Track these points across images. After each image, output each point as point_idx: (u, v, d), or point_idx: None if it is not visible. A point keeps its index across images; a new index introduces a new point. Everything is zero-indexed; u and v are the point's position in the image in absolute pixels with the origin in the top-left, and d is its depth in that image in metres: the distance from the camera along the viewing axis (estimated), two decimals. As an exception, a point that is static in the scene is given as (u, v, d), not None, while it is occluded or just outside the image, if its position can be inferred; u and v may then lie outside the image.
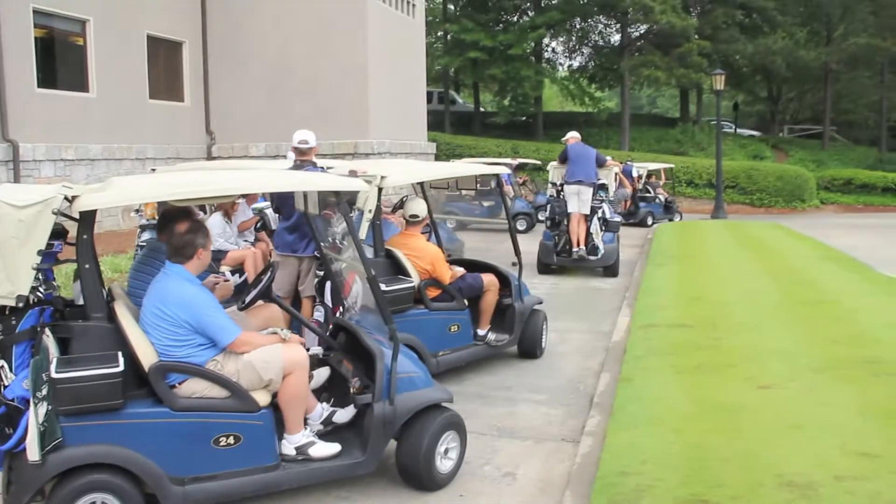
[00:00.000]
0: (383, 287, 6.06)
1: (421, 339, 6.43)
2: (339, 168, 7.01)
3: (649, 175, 22.52)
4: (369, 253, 6.69)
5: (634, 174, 21.14)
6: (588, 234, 12.32)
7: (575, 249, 12.28)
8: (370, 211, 6.66)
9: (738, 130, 42.81)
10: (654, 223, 20.84)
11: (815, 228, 19.63)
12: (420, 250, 6.99)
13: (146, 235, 8.34)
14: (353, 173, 6.46)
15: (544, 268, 12.83)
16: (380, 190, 6.65)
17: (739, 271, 12.20)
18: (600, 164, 12.78)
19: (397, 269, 6.85)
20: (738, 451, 4.88)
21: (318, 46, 19.94)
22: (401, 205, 8.08)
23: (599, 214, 12.50)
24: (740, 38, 34.08)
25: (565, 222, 12.51)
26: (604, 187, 13.07)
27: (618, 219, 13.28)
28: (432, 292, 6.94)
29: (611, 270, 12.70)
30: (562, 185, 12.67)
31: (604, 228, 12.54)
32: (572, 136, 12.99)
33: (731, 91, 42.08)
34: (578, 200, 12.26)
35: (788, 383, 6.28)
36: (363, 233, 6.63)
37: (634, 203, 21.46)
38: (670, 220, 21.91)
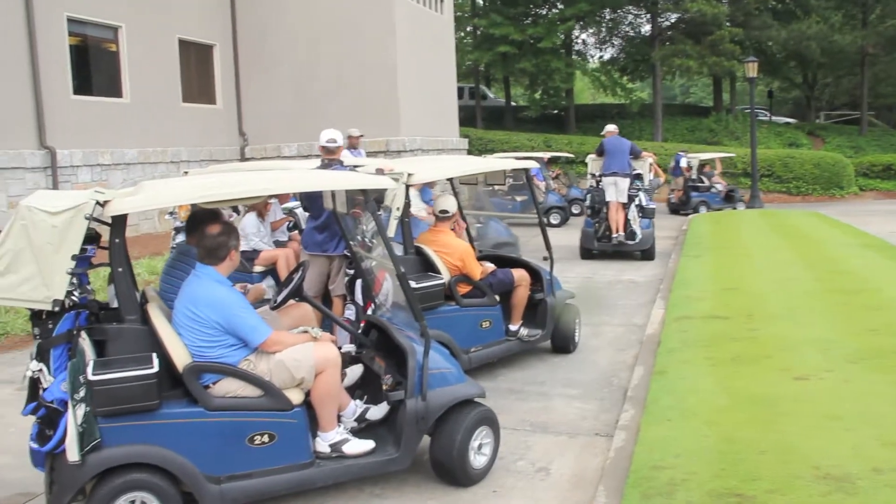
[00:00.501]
0: (413, 284, 6.09)
1: (452, 336, 6.43)
2: (367, 166, 7.04)
3: (703, 165, 22.34)
4: (399, 250, 6.71)
5: (683, 164, 21.26)
6: (626, 220, 13.15)
7: (614, 235, 13.11)
8: (398, 209, 6.68)
9: (773, 118, 42.26)
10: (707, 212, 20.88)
11: (853, 216, 19.34)
12: (450, 246, 6.99)
13: (180, 238, 8.44)
14: (380, 171, 6.49)
15: (586, 253, 13.66)
16: (407, 187, 6.67)
17: (775, 261, 12.06)
18: (635, 155, 13.48)
19: (427, 266, 6.86)
20: (774, 444, 4.84)
21: (346, 46, 20.02)
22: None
23: (636, 202, 13.25)
24: (773, 24, 33.54)
25: (605, 210, 13.26)
26: (639, 177, 13.71)
27: (653, 206, 13.87)
28: (463, 288, 6.94)
29: (647, 254, 13.50)
30: (600, 176, 13.37)
31: (641, 215, 13.29)
32: (609, 129, 13.82)
33: (764, 78, 41.55)
34: (616, 190, 13.03)
35: (825, 374, 6.20)
36: (391, 230, 6.64)
37: (686, 192, 21.49)
38: (733, 208, 21.73)
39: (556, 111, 38.66)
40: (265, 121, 20.77)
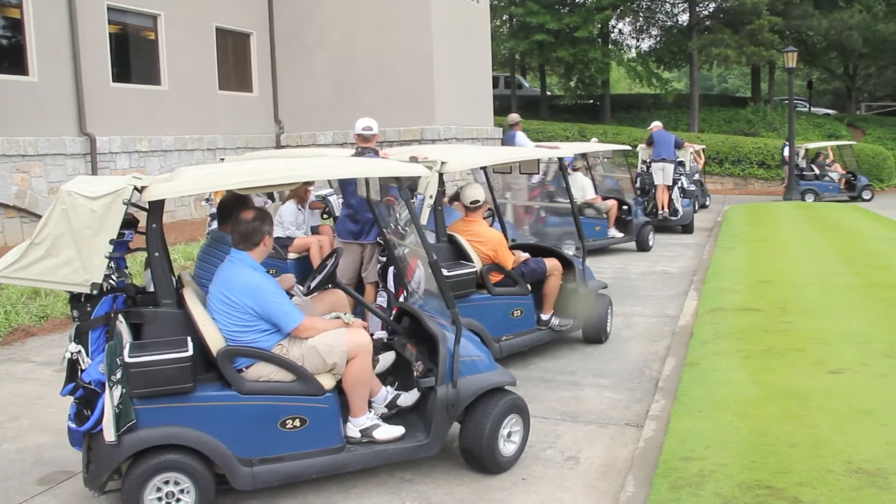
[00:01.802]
0: (445, 272, 6.13)
1: (483, 324, 6.44)
2: (400, 154, 7.06)
3: (817, 154, 22.55)
4: (431, 238, 6.73)
5: (786, 153, 21.93)
6: (670, 200, 15.64)
7: (660, 212, 15.62)
8: (431, 196, 6.69)
9: (813, 109, 41.57)
10: (815, 201, 21.18)
11: (894, 209, 19.01)
12: (482, 236, 7.00)
13: (216, 224, 8.54)
14: (413, 159, 6.49)
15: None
16: (440, 175, 6.68)
17: (811, 253, 11.91)
18: (678, 146, 16.27)
19: (459, 255, 6.88)
20: (806, 437, 4.80)
21: (382, 34, 20.03)
22: (456, 196, 8.11)
23: (679, 185, 15.91)
24: (814, 13, 32.90)
25: (653, 191, 15.79)
26: (682, 164, 16.68)
27: (693, 188, 17.02)
28: (495, 277, 6.95)
29: (688, 229, 15.96)
30: (649, 162, 16.04)
31: (682, 195, 15.99)
32: (656, 124, 16.55)
33: (804, 69, 40.88)
34: (662, 174, 15.55)
35: (860, 368, 6.13)
36: (424, 218, 6.67)
37: (790, 181, 21.79)
38: (853, 198, 21.74)
39: (591, 101, 38.37)
40: (301, 109, 20.88)
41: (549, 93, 40.95)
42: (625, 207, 13.85)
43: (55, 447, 5.30)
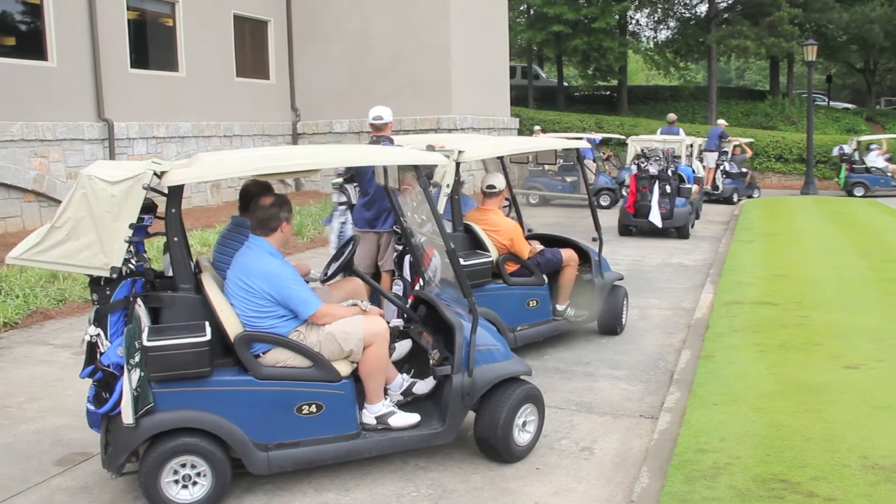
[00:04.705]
0: (461, 261, 6.15)
1: (499, 314, 6.44)
2: (417, 143, 7.05)
3: (869, 146, 22.40)
4: (448, 228, 6.73)
5: (847, 149, 21.75)
6: (713, 178, 20.07)
7: (706, 187, 19.12)
8: (448, 185, 6.69)
9: (832, 103, 41.26)
10: (865, 196, 21.10)
11: (912, 204, 18.87)
12: (498, 225, 6.98)
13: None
14: (430, 148, 6.49)
15: None
16: (457, 164, 6.67)
17: (828, 248, 11.85)
18: (722, 137, 20.41)
19: (475, 244, 6.87)
20: (821, 432, 4.79)
21: (399, 23, 20.01)
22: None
23: (721, 168, 20.36)
24: (835, 6, 32.54)
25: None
26: (724, 153, 20.69)
27: (735, 170, 20.89)
28: (511, 267, 6.94)
29: (728, 201, 19.97)
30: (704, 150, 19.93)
31: (724, 176, 20.47)
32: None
33: (824, 62, 40.52)
34: (708, 159, 19.93)
35: (876, 363, 6.11)
36: (441, 207, 6.65)
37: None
38: None
39: (608, 92, 38.18)
40: (317, 96, 20.90)
41: (566, 84, 40.76)
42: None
43: (74, 429, 5.35)
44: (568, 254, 7.27)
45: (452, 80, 19.90)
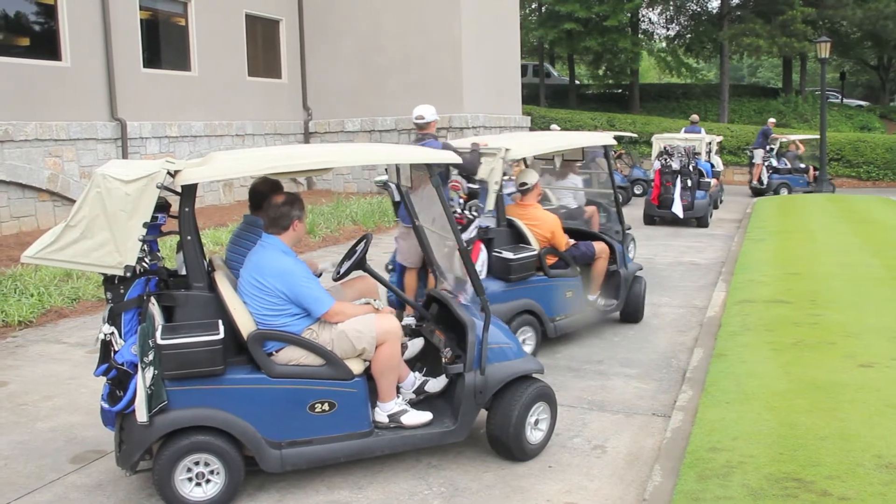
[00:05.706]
0: (510, 255, 6.50)
1: (540, 305, 6.70)
2: (462, 143, 7.17)
3: None
4: (491, 223, 6.93)
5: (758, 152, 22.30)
6: (760, 172, 21.54)
7: (753, 182, 21.83)
8: (496, 183, 6.80)
9: (845, 101, 41.01)
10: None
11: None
12: (538, 219, 7.19)
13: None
14: (475, 146, 6.75)
15: None
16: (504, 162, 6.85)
17: (842, 246, 11.78)
18: (766, 135, 21.33)
19: (518, 238, 7.06)
20: (835, 431, 4.76)
21: (411, 21, 20.01)
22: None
23: (768, 163, 21.45)
24: (848, 3, 32.34)
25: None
26: (771, 150, 21.74)
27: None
28: (549, 260, 7.14)
29: (761, 194, 21.17)
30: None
31: (771, 171, 21.56)
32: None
33: (837, 60, 40.29)
34: (755, 156, 21.70)
35: (891, 362, 6.07)
36: (490, 204, 6.81)
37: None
38: None
39: (619, 90, 38.08)
40: (329, 95, 20.93)
41: (577, 82, 40.68)
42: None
43: (88, 426, 5.38)
44: (600, 246, 7.56)
45: (464, 77, 19.89)
